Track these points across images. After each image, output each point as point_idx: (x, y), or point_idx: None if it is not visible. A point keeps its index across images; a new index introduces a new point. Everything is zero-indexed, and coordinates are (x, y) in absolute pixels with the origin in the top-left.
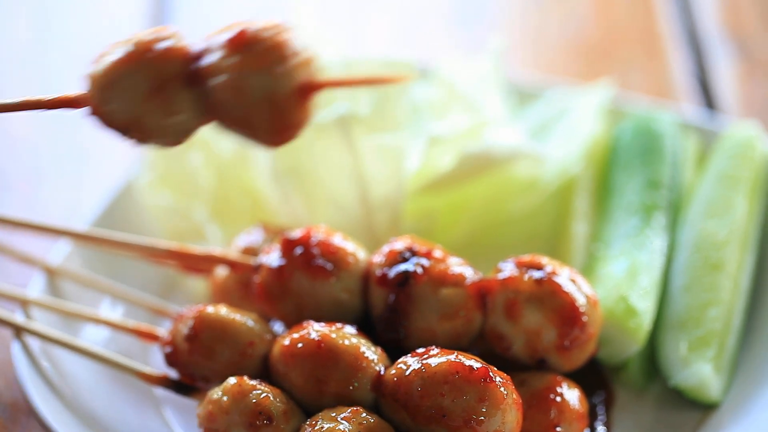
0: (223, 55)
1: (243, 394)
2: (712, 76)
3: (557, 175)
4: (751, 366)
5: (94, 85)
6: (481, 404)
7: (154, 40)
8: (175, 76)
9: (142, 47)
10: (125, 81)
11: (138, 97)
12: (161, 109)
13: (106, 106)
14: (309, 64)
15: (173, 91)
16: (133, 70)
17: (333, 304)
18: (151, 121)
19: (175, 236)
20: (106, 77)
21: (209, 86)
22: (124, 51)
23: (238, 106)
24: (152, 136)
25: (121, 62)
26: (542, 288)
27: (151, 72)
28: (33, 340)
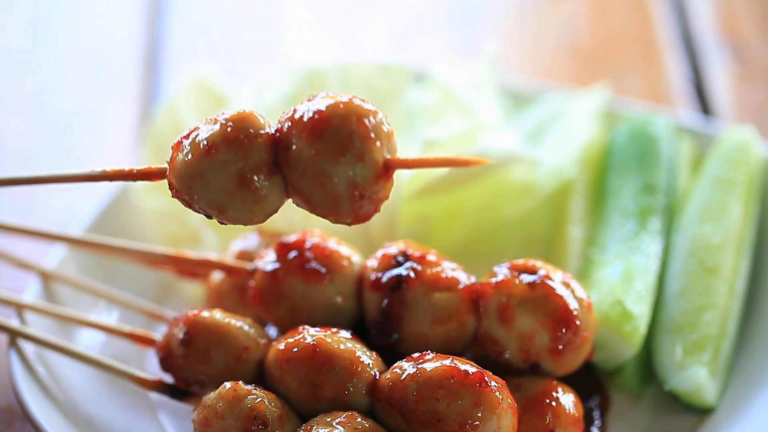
0: (302, 143)
1: (238, 399)
2: (708, 81)
3: (552, 179)
4: (746, 370)
5: (177, 175)
6: (477, 409)
7: (235, 127)
8: (258, 166)
9: (225, 137)
10: (209, 175)
11: (222, 189)
12: (245, 198)
13: (189, 196)
14: (388, 141)
15: (257, 181)
16: (217, 165)
17: (327, 308)
18: (236, 208)
19: (171, 241)
20: (190, 169)
21: (292, 174)
22: (206, 142)
23: (321, 194)
24: (235, 219)
25: (204, 156)
26: (535, 292)
27: (235, 165)
28: (28, 345)
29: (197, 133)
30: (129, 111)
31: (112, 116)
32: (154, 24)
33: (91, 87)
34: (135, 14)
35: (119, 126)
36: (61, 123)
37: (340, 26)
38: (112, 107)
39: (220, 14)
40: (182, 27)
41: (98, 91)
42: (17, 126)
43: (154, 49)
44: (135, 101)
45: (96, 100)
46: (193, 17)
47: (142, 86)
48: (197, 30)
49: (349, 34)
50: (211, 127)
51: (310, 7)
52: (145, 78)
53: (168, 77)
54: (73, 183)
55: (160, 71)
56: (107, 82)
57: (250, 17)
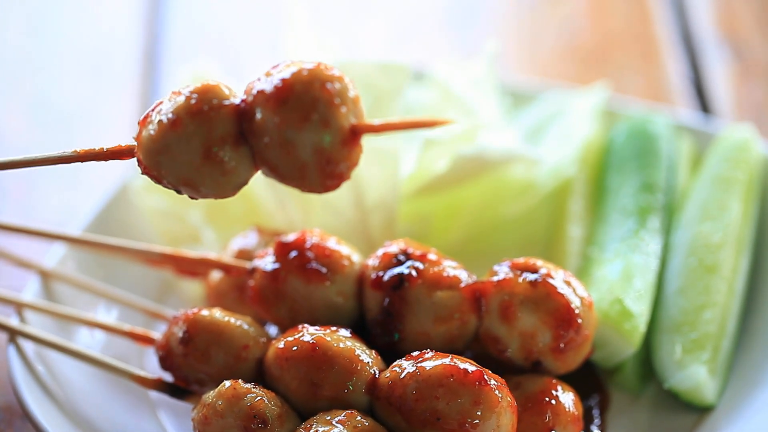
0: (267, 112)
1: (237, 397)
2: (707, 79)
3: (552, 178)
4: (746, 369)
5: (144, 150)
6: (476, 407)
7: (199, 99)
8: (223, 138)
9: (189, 110)
10: (176, 148)
11: (189, 163)
12: (213, 171)
13: (157, 171)
14: (353, 107)
15: (223, 152)
16: (182, 138)
17: (327, 307)
18: (204, 182)
19: (170, 240)
20: (156, 144)
21: (258, 144)
22: (171, 114)
23: (288, 162)
24: (205, 193)
25: (170, 128)
26: (537, 290)
27: (201, 137)
28: (27, 344)
29: (161, 107)
30: (128, 110)
31: (112, 115)
32: (154, 23)
33: (91, 86)
34: (134, 13)
35: (118, 125)
36: (61, 122)
37: (340, 25)
38: (111, 106)
39: (220, 13)
40: (181, 26)
41: (98, 90)
42: (17, 125)
43: (154, 49)
44: (134, 100)
45: (95, 99)
46: (193, 16)
47: (142, 85)
48: (196, 29)
49: (348, 33)
50: (175, 99)
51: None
52: (144, 77)
53: (167, 76)
54: (44, 165)
55: (160, 70)
56: (107, 81)
57: (250, 16)
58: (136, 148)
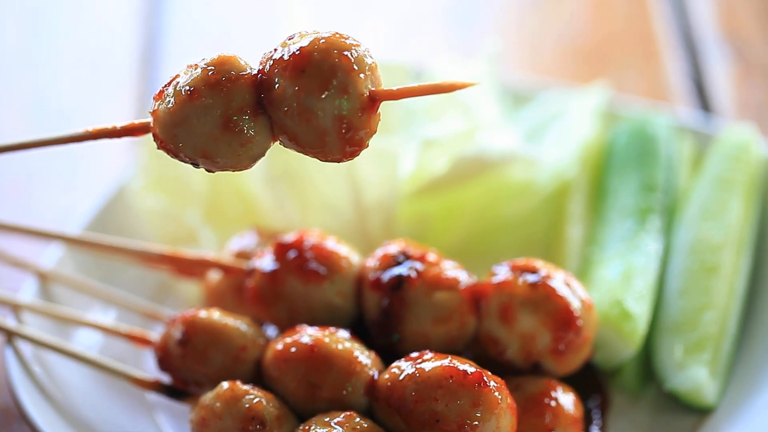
0: (285, 81)
1: (236, 399)
2: (708, 79)
3: (552, 179)
4: (746, 370)
5: (161, 124)
6: (476, 409)
7: (216, 71)
8: (241, 108)
9: (207, 81)
10: (193, 120)
11: (207, 134)
12: (231, 141)
13: (174, 144)
14: (371, 75)
15: (241, 123)
16: (200, 110)
17: (326, 308)
18: (222, 153)
19: (169, 240)
20: (173, 117)
21: (277, 113)
22: (188, 87)
23: (307, 130)
24: (222, 165)
25: (187, 101)
26: (537, 292)
27: (219, 109)
28: (25, 345)
29: (178, 80)
30: (127, 109)
31: (110, 114)
32: (152, 22)
33: (89, 85)
34: (133, 12)
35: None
36: (59, 121)
37: (339, 23)
38: (109, 105)
39: (218, 12)
40: (180, 25)
41: (96, 89)
42: (15, 124)
43: (152, 47)
44: (133, 99)
45: (94, 98)
46: (191, 15)
47: (140, 84)
48: (195, 28)
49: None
50: (192, 72)
51: (309, 4)
52: (142, 76)
53: (165, 74)
54: (56, 145)
55: (158, 69)
56: (105, 80)
57: (249, 15)
58: (152, 123)
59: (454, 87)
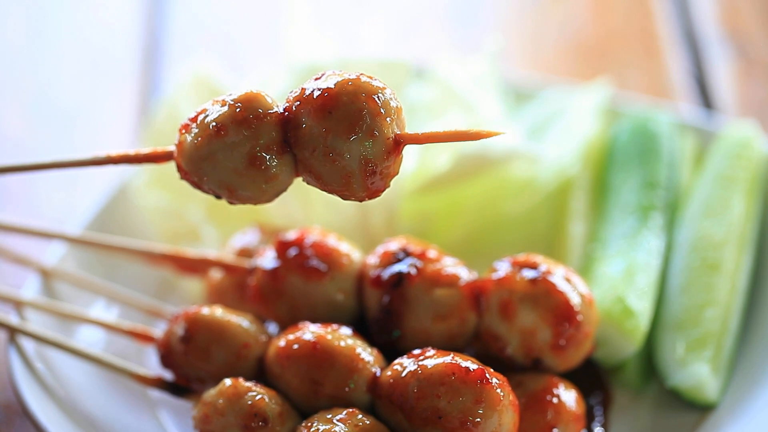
0: (312, 121)
1: (238, 395)
2: (710, 76)
3: (554, 176)
4: (748, 367)
5: (186, 157)
6: (478, 406)
7: (244, 108)
8: (268, 146)
9: (233, 118)
10: (219, 156)
11: (232, 171)
12: (256, 178)
13: (199, 177)
14: (397, 117)
15: (267, 160)
16: (228, 146)
17: (328, 305)
18: (246, 188)
19: (171, 237)
20: (199, 151)
21: (302, 152)
22: (215, 123)
23: (332, 171)
24: (246, 199)
25: (214, 137)
26: (537, 287)
27: (245, 146)
28: (27, 342)
29: (206, 115)
30: (128, 106)
31: (112, 111)
32: (154, 19)
33: (91, 82)
34: (134, 9)
35: (118, 121)
36: (61, 118)
37: (341, 21)
38: (111, 102)
39: (220, 9)
40: (182, 22)
41: (98, 86)
42: (17, 121)
43: (154, 44)
44: (134, 96)
45: (95, 95)
46: (193, 12)
47: (142, 81)
48: (197, 25)
49: (349, 30)
50: (219, 108)
51: (310, 2)
52: (144, 73)
53: (167, 72)
54: (76, 168)
55: (160, 66)
56: (106, 77)
57: (250, 12)
58: (176, 153)
59: (480, 135)
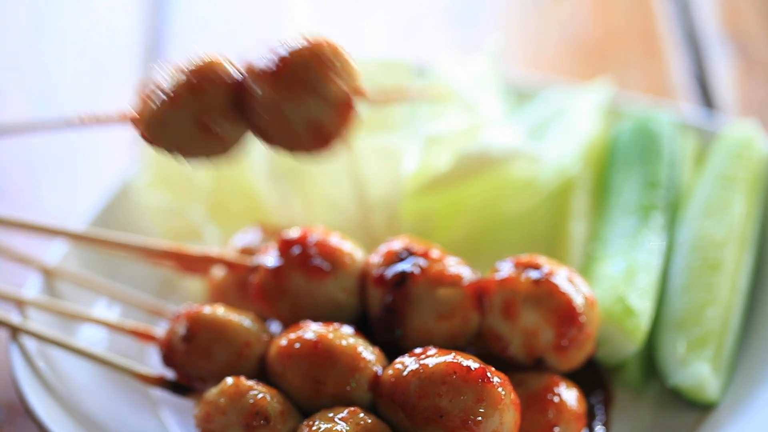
0: (261, 84)
1: (240, 394)
2: (711, 76)
3: (555, 175)
4: (749, 366)
5: (144, 122)
6: (479, 404)
7: (195, 72)
8: (219, 109)
9: (185, 84)
10: (172, 120)
11: (186, 132)
12: (208, 138)
13: (156, 139)
14: (347, 77)
15: (218, 122)
16: (179, 110)
17: (330, 304)
18: (199, 148)
19: (173, 236)
20: (155, 117)
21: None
22: (169, 88)
23: (281, 133)
24: (200, 157)
25: (167, 103)
26: (540, 288)
27: (196, 109)
28: (29, 341)
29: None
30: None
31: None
32: (155, 18)
33: (92, 81)
34: (135, 9)
35: None
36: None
37: (342, 21)
38: (112, 101)
39: (221, 9)
40: (183, 21)
41: (99, 85)
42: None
43: (155, 44)
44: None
45: (96, 94)
46: (194, 11)
47: (144, 79)
48: (198, 24)
49: (350, 30)
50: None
51: (311, 2)
52: (146, 71)
53: None
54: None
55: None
56: (108, 76)
57: (251, 12)
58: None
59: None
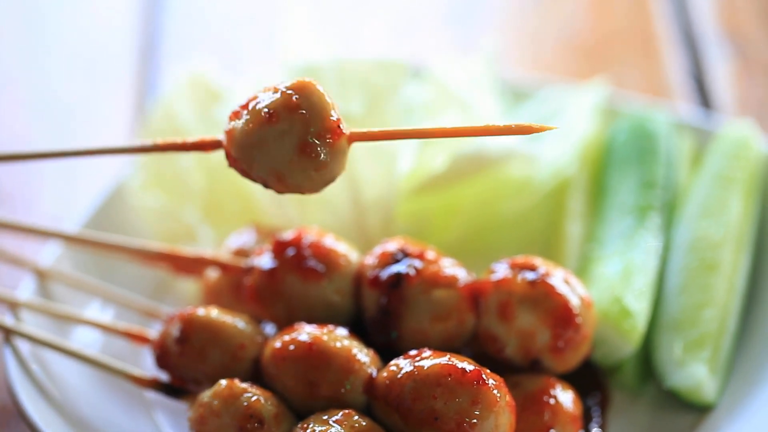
0: None
1: (234, 397)
2: (708, 76)
3: (551, 176)
4: (746, 367)
5: (235, 143)
6: (474, 407)
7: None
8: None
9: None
10: (270, 143)
11: (283, 158)
12: (306, 166)
13: (247, 165)
14: None
15: (318, 148)
16: (278, 133)
17: (325, 306)
18: (295, 177)
19: (167, 238)
20: (249, 138)
21: None
22: (265, 109)
23: None
24: (294, 188)
25: (264, 123)
26: (536, 289)
27: (296, 133)
28: (23, 343)
29: (257, 101)
30: (125, 104)
31: (108, 109)
32: (151, 17)
33: (88, 80)
34: (131, 7)
35: (115, 119)
36: (58, 116)
37: (338, 22)
38: (108, 100)
39: (217, 8)
40: (179, 20)
41: (95, 84)
42: (14, 119)
43: (151, 42)
44: (131, 95)
45: (92, 93)
46: (190, 11)
47: (139, 80)
48: (194, 23)
49: (346, 30)
50: (271, 94)
51: (307, 2)
52: (141, 71)
53: (164, 71)
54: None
55: (157, 64)
56: (104, 75)
57: (248, 12)
58: (225, 141)
59: None
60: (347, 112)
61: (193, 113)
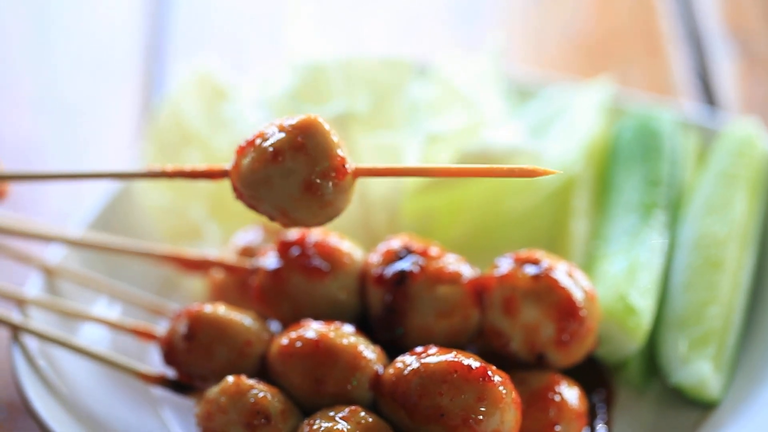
0: None
1: (241, 393)
2: (713, 74)
3: (556, 174)
4: (751, 364)
5: (241, 180)
6: (480, 403)
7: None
8: (324, 173)
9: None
10: (275, 181)
11: (288, 196)
12: (311, 203)
13: (254, 201)
14: None
15: (323, 187)
16: (283, 172)
17: (330, 304)
18: (300, 213)
19: (173, 236)
20: (255, 175)
21: None
22: (271, 149)
23: None
24: (299, 223)
25: (270, 162)
26: (539, 283)
27: (301, 172)
28: (31, 340)
29: (263, 139)
30: (131, 103)
31: (115, 108)
32: (157, 16)
33: (94, 79)
34: (137, 6)
35: (121, 118)
36: (64, 115)
37: (343, 20)
38: (114, 100)
39: (223, 7)
40: (185, 19)
41: (101, 83)
42: (20, 119)
43: (157, 41)
44: (137, 93)
45: (98, 92)
46: (196, 9)
47: (145, 78)
48: (200, 22)
49: (352, 28)
50: (277, 133)
51: (313, 0)
52: (147, 70)
53: (170, 69)
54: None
55: (163, 63)
56: (110, 74)
57: (254, 10)
58: (231, 174)
59: None
60: (353, 111)
61: (200, 112)
